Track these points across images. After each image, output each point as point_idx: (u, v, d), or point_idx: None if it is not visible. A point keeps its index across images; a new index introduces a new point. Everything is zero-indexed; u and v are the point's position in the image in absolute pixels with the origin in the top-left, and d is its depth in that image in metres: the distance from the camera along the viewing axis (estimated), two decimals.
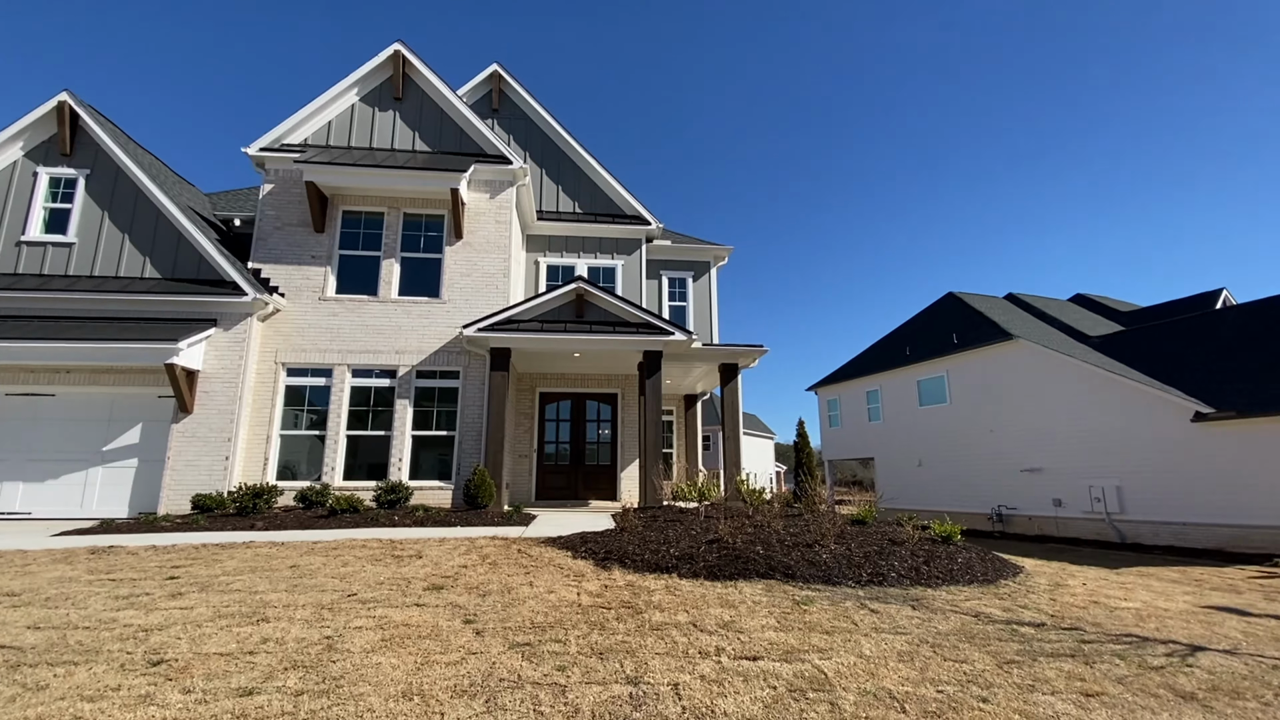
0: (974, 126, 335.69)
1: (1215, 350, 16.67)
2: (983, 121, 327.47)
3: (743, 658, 3.85)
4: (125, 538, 7.37)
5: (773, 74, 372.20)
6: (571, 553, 6.62)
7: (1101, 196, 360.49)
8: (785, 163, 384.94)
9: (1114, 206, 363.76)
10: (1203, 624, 5.57)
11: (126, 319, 10.11)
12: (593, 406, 13.69)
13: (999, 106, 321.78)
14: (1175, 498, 15.31)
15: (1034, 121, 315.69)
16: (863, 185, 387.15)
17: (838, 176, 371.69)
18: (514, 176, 12.21)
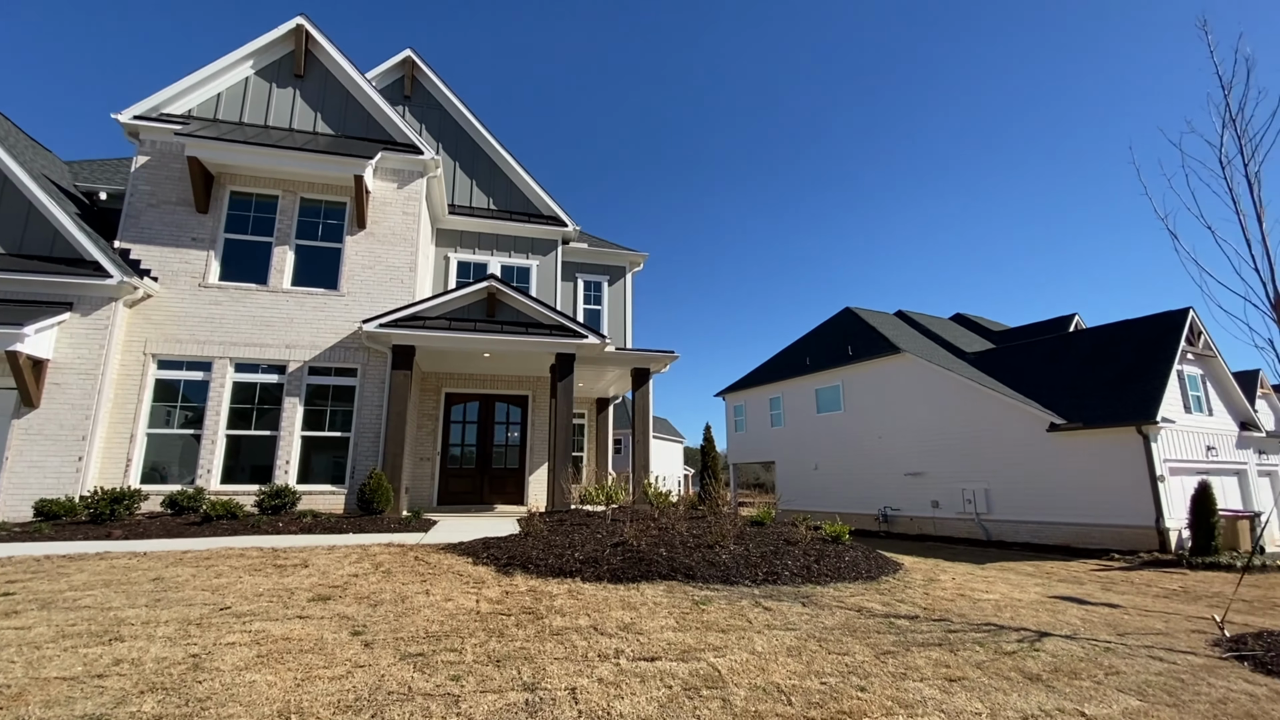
0: (871, 150, 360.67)
1: (1068, 368, 18.78)
2: (876, 146, 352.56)
3: (641, 659, 3.91)
4: None
5: (688, 88, 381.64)
6: (472, 559, 6.44)
7: (978, 224, 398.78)
8: (701, 175, 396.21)
9: (989, 235, 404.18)
10: (1049, 612, 6.25)
11: None
12: (502, 408, 13.40)
13: (898, 133, 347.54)
14: (1033, 499, 17.10)
15: (922, 150, 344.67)
16: (779, 200, 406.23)
17: (751, 191, 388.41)
18: (425, 167, 11.75)
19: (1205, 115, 5.67)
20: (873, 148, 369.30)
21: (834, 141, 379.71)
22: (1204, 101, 5.79)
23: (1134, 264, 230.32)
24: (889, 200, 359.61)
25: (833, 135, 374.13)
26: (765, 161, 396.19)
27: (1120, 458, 15.48)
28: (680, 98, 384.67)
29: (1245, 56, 5.56)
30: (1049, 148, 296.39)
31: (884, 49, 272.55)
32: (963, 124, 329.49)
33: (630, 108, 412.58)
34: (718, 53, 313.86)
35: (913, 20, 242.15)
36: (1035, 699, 3.69)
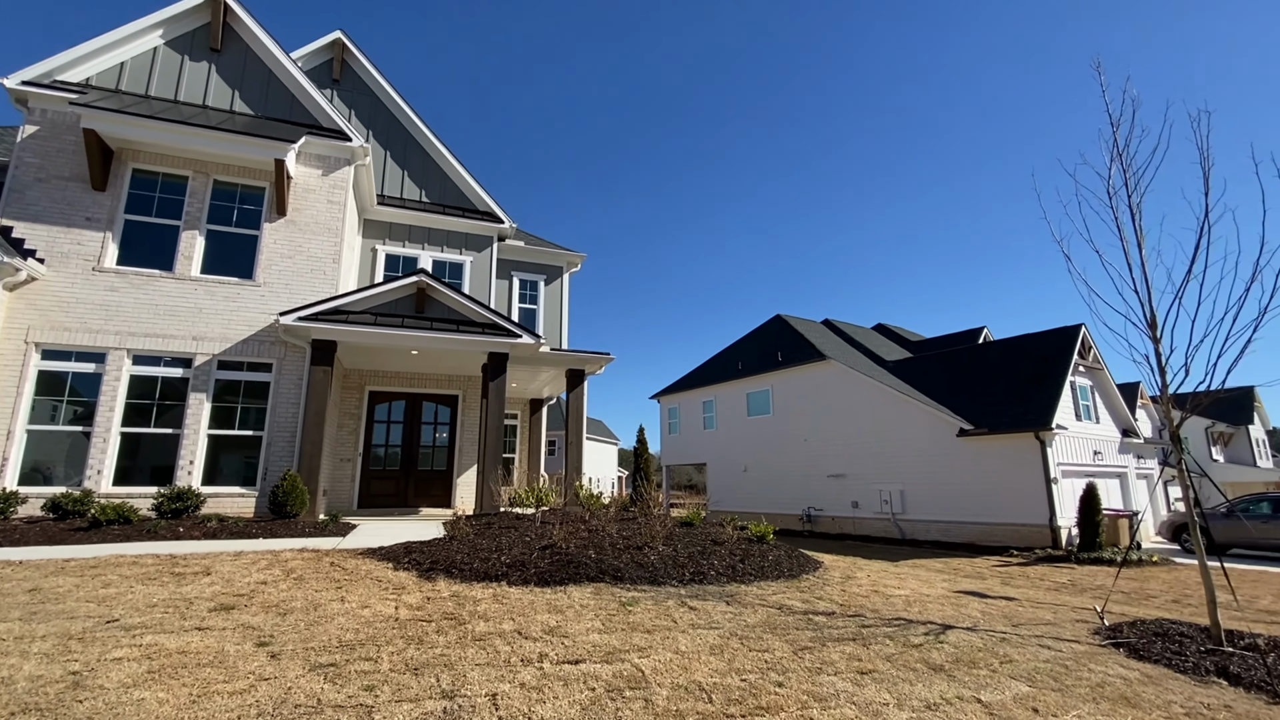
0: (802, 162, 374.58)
1: (977, 378, 20.10)
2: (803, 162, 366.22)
3: (565, 662, 3.89)
4: None
5: (630, 91, 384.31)
6: (393, 564, 6.21)
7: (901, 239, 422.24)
8: (643, 176, 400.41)
9: (911, 248, 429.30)
10: (954, 606, 6.66)
11: None
12: (430, 408, 13.00)
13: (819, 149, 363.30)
14: (943, 500, 18.20)
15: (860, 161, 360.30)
16: (710, 204, 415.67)
17: (687, 197, 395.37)
18: (353, 154, 11.26)
19: (1097, 149, 6.26)
20: (792, 163, 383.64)
21: (758, 151, 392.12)
22: (1096, 137, 6.35)
23: (1038, 281, 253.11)
24: (817, 213, 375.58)
25: (757, 145, 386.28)
26: (699, 167, 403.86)
27: (1020, 461, 16.71)
28: (618, 97, 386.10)
29: (1132, 98, 6.16)
30: (963, 168, 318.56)
31: (808, 66, 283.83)
32: (882, 144, 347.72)
33: (571, 106, 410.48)
34: (650, 52, 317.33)
35: (844, 39, 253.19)
36: (938, 688, 3.92)
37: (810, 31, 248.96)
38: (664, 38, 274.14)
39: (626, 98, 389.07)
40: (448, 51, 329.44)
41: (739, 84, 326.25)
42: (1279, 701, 4.15)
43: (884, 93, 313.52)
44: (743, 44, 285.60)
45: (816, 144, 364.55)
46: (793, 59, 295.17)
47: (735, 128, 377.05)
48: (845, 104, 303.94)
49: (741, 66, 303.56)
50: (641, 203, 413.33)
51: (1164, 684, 4.36)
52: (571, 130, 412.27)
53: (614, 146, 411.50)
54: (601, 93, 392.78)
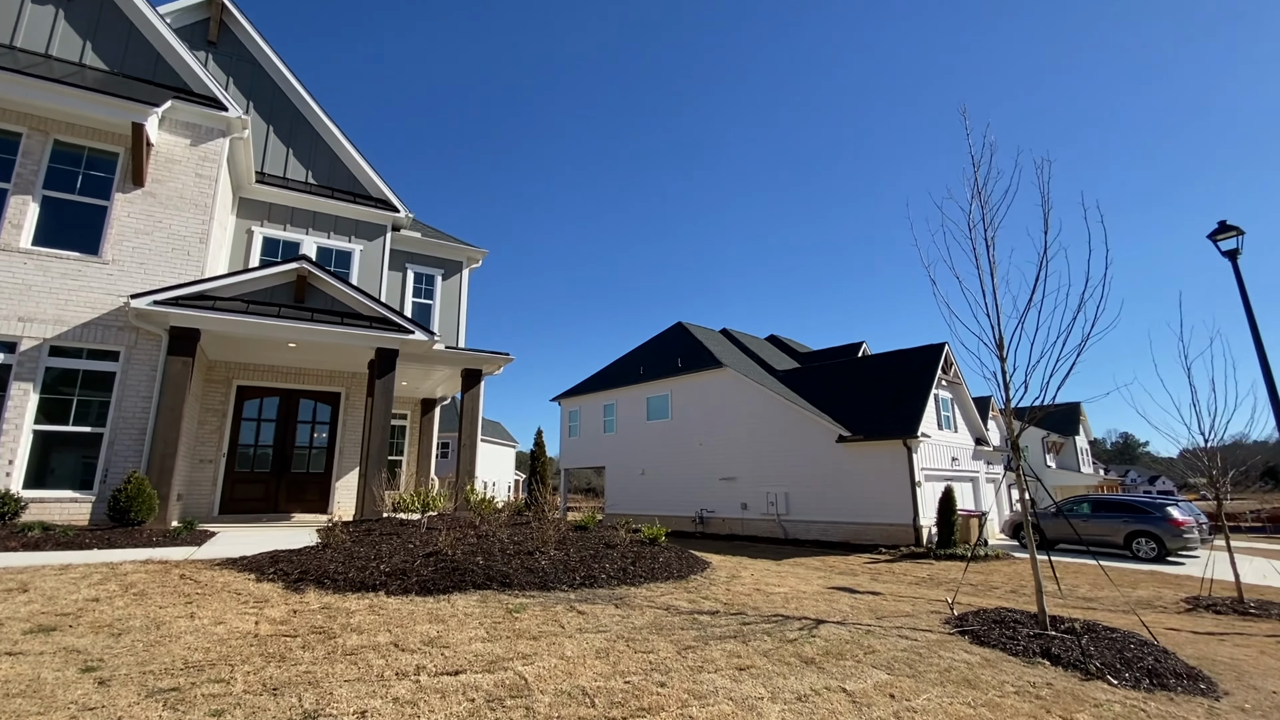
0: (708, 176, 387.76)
1: (856, 388, 21.65)
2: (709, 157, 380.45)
3: (444, 673, 3.74)
4: None
5: (532, 95, 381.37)
6: (256, 575, 5.70)
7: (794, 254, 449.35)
8: (546, 180, 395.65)
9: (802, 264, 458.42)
10: (827, 602, 7.11)
11: None
12: (308, 406, 12.07)
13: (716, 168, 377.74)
14: (823, 501, 19.41)
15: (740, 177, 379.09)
16: (614, 212, 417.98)
17: (594, 200, 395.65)
18: (228, 125, 10.26)
19: (961, 187, 6.95)
20: (693, 174, 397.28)
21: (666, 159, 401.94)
22: (960, 175, 7.07)
23: (913, 301, 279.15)
24: (711, 227, 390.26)
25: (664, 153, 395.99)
26: (608, 169, 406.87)
27: (890, 466, 18.18)
28: (521, 97, 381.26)
29: (990, 142, 6.90)
30: (847, 195, 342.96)
31: (699, 88, 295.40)
32: (765, 164, 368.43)
33: (475, 101, 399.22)
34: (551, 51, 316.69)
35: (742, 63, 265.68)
36: (808, 680, 4.16)
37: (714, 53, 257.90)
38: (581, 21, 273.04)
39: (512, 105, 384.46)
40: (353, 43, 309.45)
41: (640, 80, 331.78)
42: (1090, 678, 4.78)
43: (788, 124, 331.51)
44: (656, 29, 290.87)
45: (705, 169, 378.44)
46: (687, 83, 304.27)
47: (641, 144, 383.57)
48: (754, 135, 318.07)
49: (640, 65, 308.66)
50: (549, 202, 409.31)
51: (999, 666, 4.89)
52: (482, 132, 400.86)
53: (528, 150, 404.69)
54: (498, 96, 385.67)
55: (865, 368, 23.04)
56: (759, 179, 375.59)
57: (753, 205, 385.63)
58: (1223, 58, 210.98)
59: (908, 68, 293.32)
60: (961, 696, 4.11)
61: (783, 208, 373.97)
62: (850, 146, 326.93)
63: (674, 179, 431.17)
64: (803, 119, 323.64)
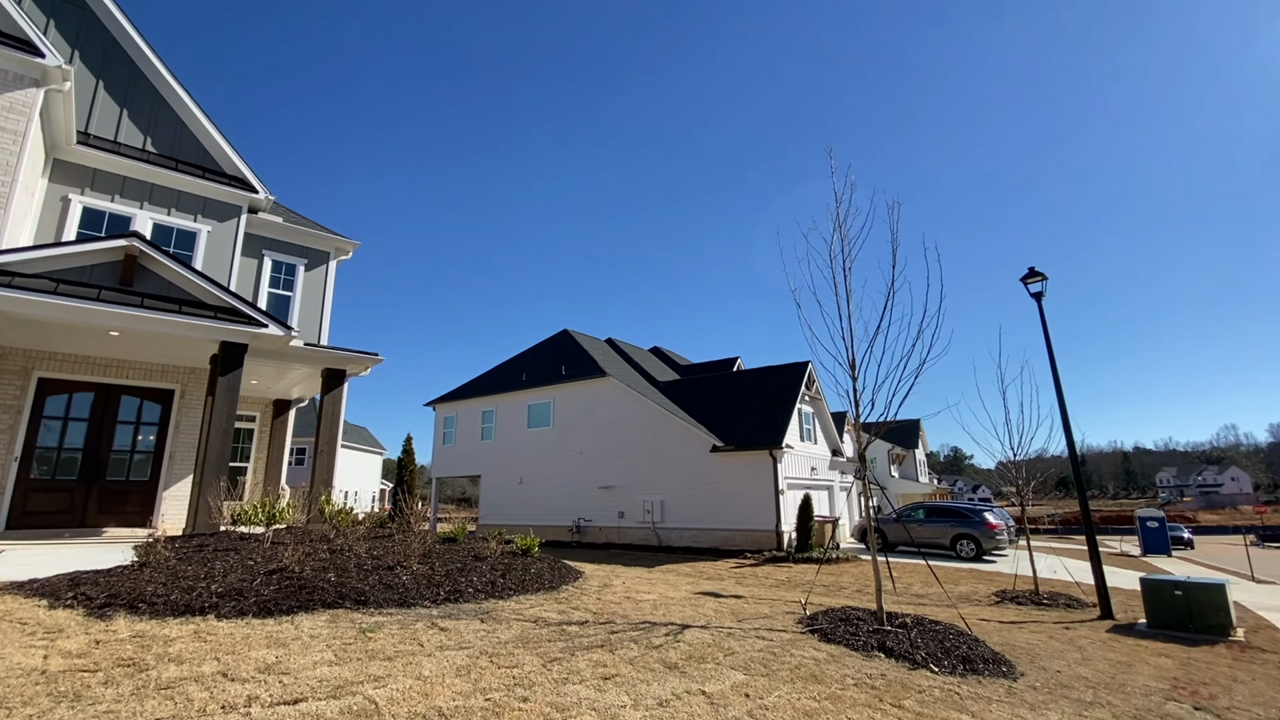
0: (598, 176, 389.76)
1: (729, 401, 22.72)
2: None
3: (281, 703, 3.40)
4: None
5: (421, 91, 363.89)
6: (50, 601, 4.85)
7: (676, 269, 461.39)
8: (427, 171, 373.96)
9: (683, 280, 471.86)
10: (693, 607, 7.35)
11: None
12: (131, 404, 10.53)
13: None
14: (697, 508, 20.10)
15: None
16: (500, 211, 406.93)
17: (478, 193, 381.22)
18: (44, 75, 8.78)
19: (825, 220, 7.57)
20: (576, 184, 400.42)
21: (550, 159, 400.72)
22: (824, 209, 7.69)
23: (781, 321, 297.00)
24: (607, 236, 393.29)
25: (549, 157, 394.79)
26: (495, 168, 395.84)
27: (757, 475, 19.25)
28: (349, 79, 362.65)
29: (851, 181, 7.59)
30: (723, 222, 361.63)
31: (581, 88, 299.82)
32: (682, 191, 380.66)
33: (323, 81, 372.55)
34: None
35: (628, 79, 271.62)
36: (670, 685, 4.27)
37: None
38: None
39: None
40: None
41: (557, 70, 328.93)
42: (917, 667, 5.33)
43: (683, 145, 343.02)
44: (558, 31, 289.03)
45: (622, 176, 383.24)
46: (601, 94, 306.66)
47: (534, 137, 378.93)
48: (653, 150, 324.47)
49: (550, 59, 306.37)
50: (425, 194, 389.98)
51: (843, 661, 5.31)
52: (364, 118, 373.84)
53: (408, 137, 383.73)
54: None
55: (739, 382, 24.26)
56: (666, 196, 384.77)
57: (637, 219, 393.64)
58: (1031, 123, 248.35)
59: (786, 101, 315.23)
60: (809, 691, 4.41)
61: (674, 227, 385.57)
62: (727, 175, 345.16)
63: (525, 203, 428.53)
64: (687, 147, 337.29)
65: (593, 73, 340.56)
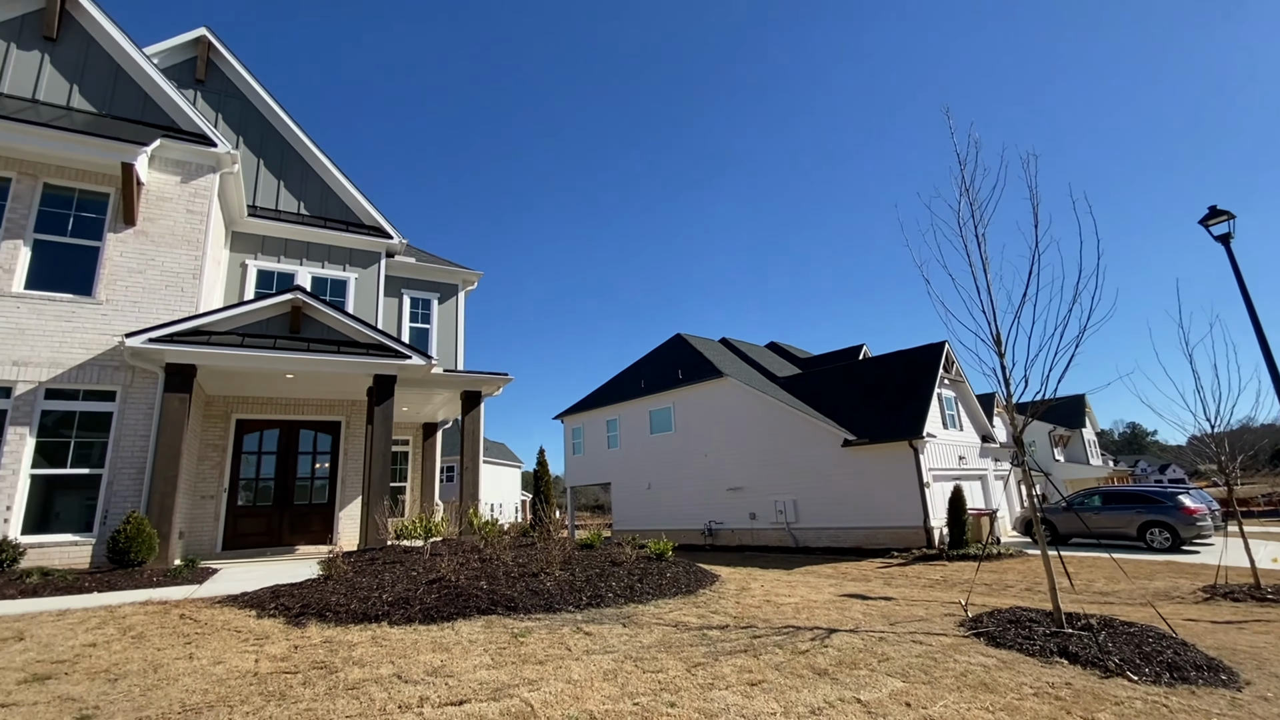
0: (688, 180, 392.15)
1: (858, 392, 21.55)
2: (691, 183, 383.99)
3: (449, 704, 3.65)
4: None
5: (518, 110, 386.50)
6: (257, 611, 5.61)
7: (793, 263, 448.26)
8: (542, 195, 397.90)
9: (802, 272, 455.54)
10: (838, 610, 6.99)
11: None
12: (308, 436, 12.01)
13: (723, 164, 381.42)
14: (832, 507, 19.23)
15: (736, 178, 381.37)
16: (607, 228, 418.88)
17: (581, 215, 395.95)
18: (218, 161, 10.32)
19: (949, 185, 6.95)
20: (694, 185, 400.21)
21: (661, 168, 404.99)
22: (947, 174, 7.06)
23: (910, 302, 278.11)
24: (709, 238, 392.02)
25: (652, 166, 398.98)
26: (602, 182, 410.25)
27: (897, 468, 18.04)
28: (524, 114, 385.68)
29: (974, 140, 6.90)
30: (839, 200, 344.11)
31: (704, 76, 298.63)
32: (768, 177, 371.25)
33: (475, 123, 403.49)
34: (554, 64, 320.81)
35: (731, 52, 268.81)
36: (821, 692, 4.06)
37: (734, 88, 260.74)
38: None
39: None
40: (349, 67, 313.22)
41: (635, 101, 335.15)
42: (1109, 675, 4.67)
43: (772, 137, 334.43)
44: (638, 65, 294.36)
45: (706, 175, 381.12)
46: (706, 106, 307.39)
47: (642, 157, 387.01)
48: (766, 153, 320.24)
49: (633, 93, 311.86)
50: (545, 220, 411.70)
51: (1017, 668, 4.78)
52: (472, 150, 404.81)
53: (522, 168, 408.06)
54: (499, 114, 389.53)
55: (867, 370, 22.96)
56: (760, 188, 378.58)
57: (751, 216, 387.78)
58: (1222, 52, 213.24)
59: (895, 74, 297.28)
60: (979, 701, 4.01)
61: (779, 217, 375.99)
62: (840, 152, 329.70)
63: (677, 191, 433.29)
64: (792, 128, 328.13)
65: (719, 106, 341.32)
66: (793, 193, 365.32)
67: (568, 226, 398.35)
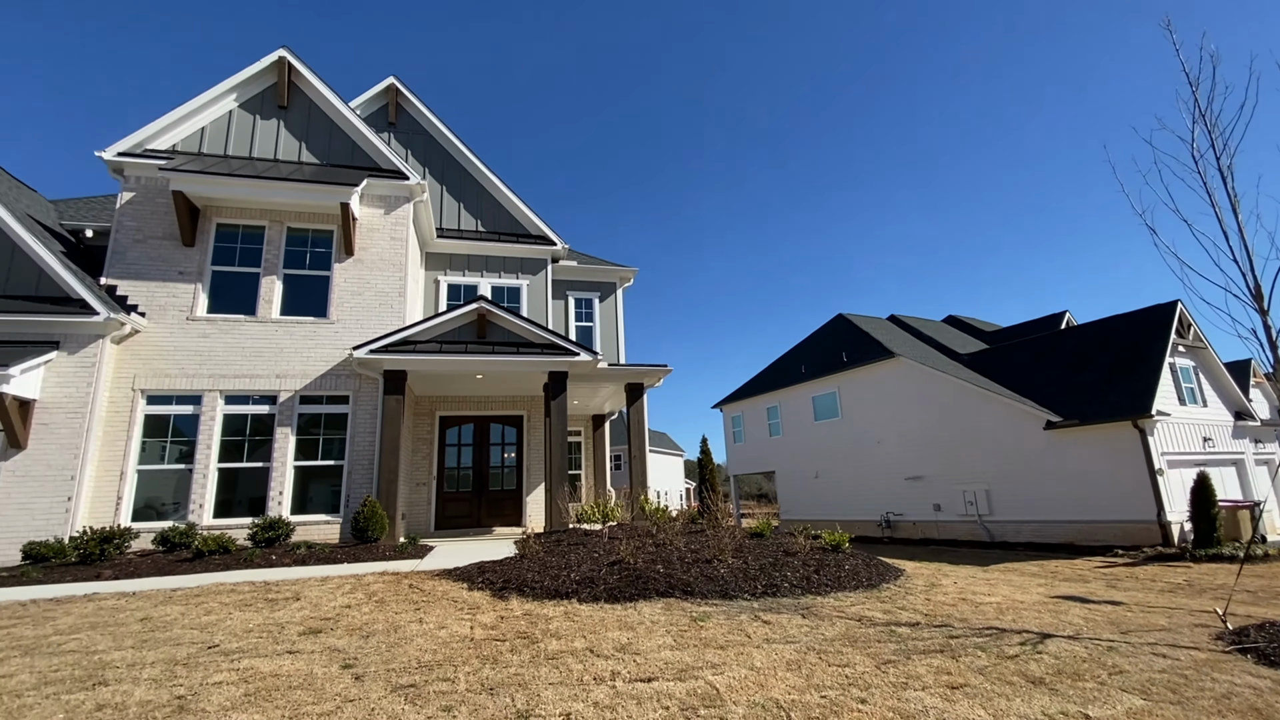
0: (851, 150, 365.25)
1: (1061, 366, 18.82)
2: (860, 147, 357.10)
3: (638, 680, 3.84)
4: None
5: (675, 95, 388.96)
6: (467, 584, 6.36)
7: (967, 228, 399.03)
8: (690, 187, 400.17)
9: (977, 236, 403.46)
10: (1052, 613, 6.19)
11: None
12: (496, 430, 13.33)
13: (881, 131, 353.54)
14: (1034, 498, 17.04)
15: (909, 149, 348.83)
16: (760, 210, 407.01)
17: (734, 203, 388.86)
18: (411, 192, 11.80)
19: (1175, 112, 5.76)
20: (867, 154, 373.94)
21: (823, 148, 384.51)
22: (1174, 98, 5.87)
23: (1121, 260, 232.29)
24: (875, 207, 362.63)
25: (817, 140, 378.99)
26: (748, 168, 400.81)
27: (1118, 453, 15.47)
28: (664, 110, 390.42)
29: (1210, 54, 5.66)
30: (1034, 148, 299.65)
31: (878, 48, 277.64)
32: (947, 130, 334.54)
33: (613, 117, 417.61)
34: (702, 52, 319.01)
35: (907, 19, 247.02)
36: (1038, 703, 3.63)
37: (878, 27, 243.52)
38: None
39: None
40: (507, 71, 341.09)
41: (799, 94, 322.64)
42: None
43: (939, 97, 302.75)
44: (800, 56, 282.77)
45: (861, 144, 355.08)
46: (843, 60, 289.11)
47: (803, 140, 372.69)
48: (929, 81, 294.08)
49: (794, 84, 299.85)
50: (691, 214, 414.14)
51: None
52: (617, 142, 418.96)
53: (664, 155, 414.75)
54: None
55: (1072, 340, 19.96)
56: (927, 151, 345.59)
57: (921, 182, 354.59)
58: None
59: None
60: None
61: (950, 178, 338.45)
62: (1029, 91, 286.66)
63: (835, 164, 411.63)
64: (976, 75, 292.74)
65: None
66: (968, 152, 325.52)
67: (728, 216, 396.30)
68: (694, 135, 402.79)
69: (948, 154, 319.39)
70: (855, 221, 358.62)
